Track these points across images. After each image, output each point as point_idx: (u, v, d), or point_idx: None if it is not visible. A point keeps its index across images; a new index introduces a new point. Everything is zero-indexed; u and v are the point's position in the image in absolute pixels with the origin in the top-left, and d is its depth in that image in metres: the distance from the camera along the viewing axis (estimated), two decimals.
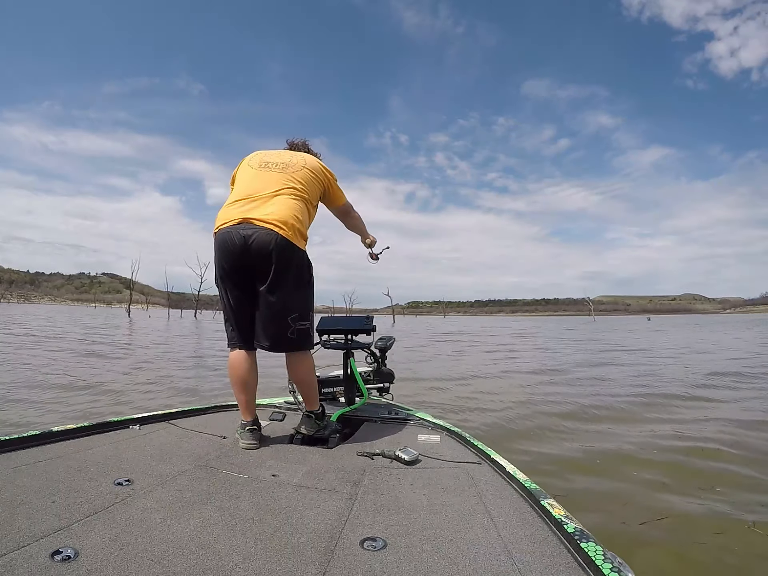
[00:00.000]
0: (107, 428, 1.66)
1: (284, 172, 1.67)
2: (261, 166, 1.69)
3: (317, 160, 1.82)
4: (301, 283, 1.63)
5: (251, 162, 1.74)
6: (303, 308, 1.64)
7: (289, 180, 1.65)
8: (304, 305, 1.64)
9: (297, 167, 1.71)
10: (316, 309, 1.82)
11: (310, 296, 1.70)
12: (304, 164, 1.73)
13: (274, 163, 1.70)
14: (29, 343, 10.56)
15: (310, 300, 1.71)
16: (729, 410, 4.29)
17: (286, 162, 1.71)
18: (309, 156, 1.82)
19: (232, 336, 1.65)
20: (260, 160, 1.73)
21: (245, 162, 1.77)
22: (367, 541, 0.91)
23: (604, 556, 0.81)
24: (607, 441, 3.31)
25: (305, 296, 1.66)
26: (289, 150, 1.91)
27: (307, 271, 1.67)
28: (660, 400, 4.76)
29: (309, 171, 1.72)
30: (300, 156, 1.78)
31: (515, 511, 1.08)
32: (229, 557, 0.83)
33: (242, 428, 1.60)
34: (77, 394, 4.73)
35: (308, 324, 1.66)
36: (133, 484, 1.16)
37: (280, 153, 1.79)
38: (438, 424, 1.88)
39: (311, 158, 1.80)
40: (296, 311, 1.60)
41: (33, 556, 0.78)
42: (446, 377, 6.48)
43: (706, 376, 6.38)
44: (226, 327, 1.67)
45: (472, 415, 4.13)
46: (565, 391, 5.37)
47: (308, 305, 1.68)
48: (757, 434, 3.37)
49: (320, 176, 1.77)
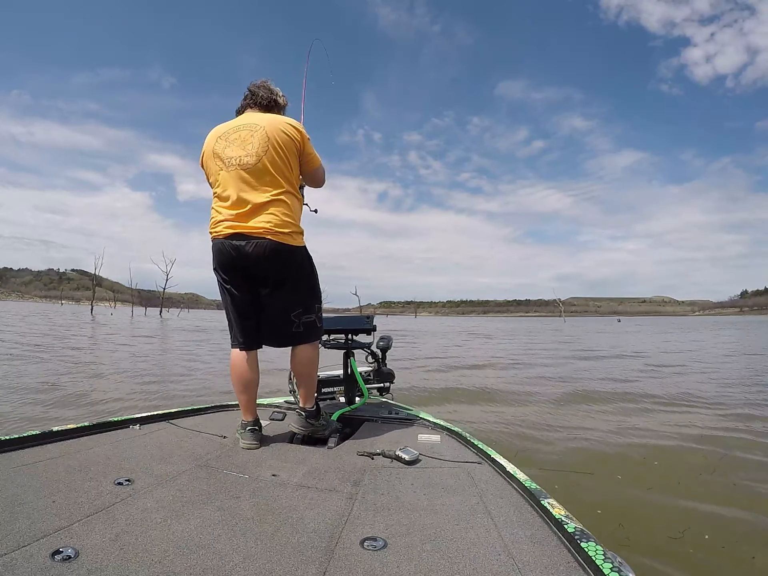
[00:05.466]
0: (107, 428, 1.66)
1: (254, 167, 1.51)
2: (228, 165, 1.54)
3: (282, 125, 1.58)
4: (302, 278, 1.61)
5: (215, 157, 1.58)
6: (307, 302, 1.62)
7: (263, 174, 1.51)
8: (307, 298, 1.62)
9: (262, 149, 1.52)
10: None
11: (314, 286, 1.66)
12: (267, 142, 1.53)
13: (237, 157, 1.53)
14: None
15: (315, 290, 1.67)
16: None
17: (249, 151, 1.52)
18: (272, 123, 1.57)
19: (234, 337, 1.65)
20: (223, 155, 1.56)
21: (209, 149, 1.61)
22: (367, 541, 0.91)
23: (605, 555, 0.81)
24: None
25: (308, 289, 1.64)
26: (252, 112, 1.67)
27: (308, 263, 1.63)
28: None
29: (276, 148, 1.53)
30: (261, 130, 1.54)
31: (515, 510, 1.08)
32: (229, 557, 0.83)
33: (243, 428, 1.60)
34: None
35: (314, 315, 1.63)
36: (134, 484, 1.16)
37: (241, 135, 1.56)
38: (438, 424, 1.88)
39: (274, 126, 1.56)
40: (299, 307, 1.59)
41: (33, 556, 0.78)
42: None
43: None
44: (229, 328, 1.67)
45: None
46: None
47: (313, 297, 1.65)
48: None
49: (290, 147, 1.56)
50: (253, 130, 1.56)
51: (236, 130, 1.59)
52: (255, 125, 1.57)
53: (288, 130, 1.57)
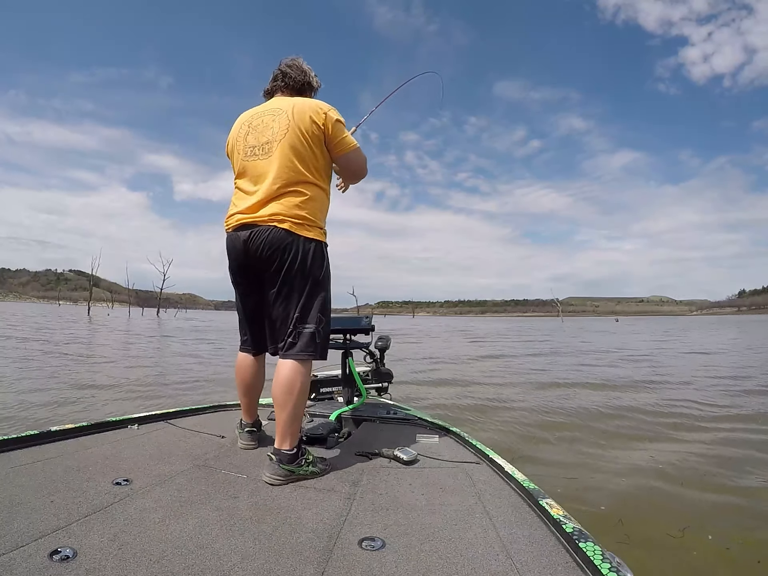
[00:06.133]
0: (106, 428, 1.65)
1: (272, 155, 1.40)
2: (246, 154, 1.46)
3: (306, 109, 1.43)
4: (307, 276, 1.40)
5: (238, 144, 1.49)
6: (308, 307, 1.40)
7: (282, 162, 1.39)
8: (310, 304, 1.40)
9: (281, 135, 1.40)
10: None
11: (319, 294, 1.43)
12: (288, 127, 1.40)
13: (257, 146, 1.44)
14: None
15: (324, 300, 1.44)
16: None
17: (269, 138, 1.42)
18: (297, 107, 1.44)
19: (242, 338, 1.60)
20: (245, 143, 1.47)
21: (233, 137, 1.53)
22: (365, 541, 0.91)
23: (603, 555, 0.81)
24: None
25: (313, 293, 1.41)
26: (281, 96, 1.55)
27: (317, 264, 1.42)
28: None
29: (298, 134, 1.40)
30: (284, 114, 1.43)
31: (514, 510, 1.09)
32: (227, 557, 0.83)
33: (241, 428, 1.59)
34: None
35: (314, 328, 1.39)
36: (132, 484, 1.16)
37: (264, 121, 1.46)
38: (436, 424, 1.88)
39: (298, 110, 1.43)
40: (297, 311, 1.39)
41: (32, 556, 0.78)
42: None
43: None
44: (239, 329, 1.62)
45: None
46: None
47: (315, 305, 1.41)
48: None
49: (313, 133, 1.42)
50: (275, 115, 1.45)
51: (261, 115, 1.49)
52: (278, 109, 1.46)
53: (312, 113, 1.42)
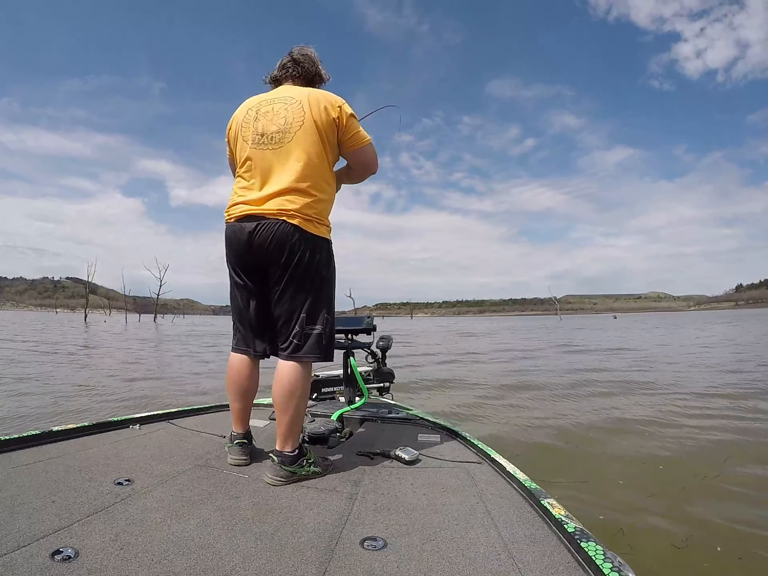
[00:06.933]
0: (107, 428, 1.66)
1: (283, 146, 1.36)
2: (254, 142, 1.39)
3: (321, 100, 1.40)
4: (315, 275, 1.37)
5: (244, 130, 1.43)
6: (315, 307, 1.37)
7: (293, 153, 1.35)
8: (317, 303, 1.37)
9: (296, 125, 1.37)
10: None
11: (326, 293, 1.40)
12: (303, 118, 1.37)
13: (266, 134, 1.38)
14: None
15: (327, 299, 1.41)
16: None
17: (281, 127, 1.37)
18: (311, 97, 1.41)
19: (236, 338, 1.49)
20: (251, 129, 1.41)
21: (237, 122, 1.47)
22: (367, 541, 0.91)
23: (604, 555, 0.81)
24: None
25: (320, 294, 1.39)
26: (291, 85, 1.51)
27: (325, 263, 1.39)
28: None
29: (312, 126, 1.37)
30: (298, 104, 1.39)
31: (515, 510, 1.09)
32: (229, 557, 0.83)
33: (231, 441, 1.42)
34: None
35: (320, 329, 1.36)
36: (133, 484, 1.16)
37: (275, 108, 1.41)
38: (438, 424, 1.88)
39: (313, 100, 1.40)
40: (304, 312, 1.35)
41: (33, 556, 0.78)
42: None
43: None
44: (233, 328, 1.52)
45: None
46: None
47: (322, 305, 1.39)
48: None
49: (327, 126, 1.39)
50: (288, 104, 1.40)
51: (270, 102, 1.43)
52: (291, 98, 1.41)
53: (329, 106, 1.39)
